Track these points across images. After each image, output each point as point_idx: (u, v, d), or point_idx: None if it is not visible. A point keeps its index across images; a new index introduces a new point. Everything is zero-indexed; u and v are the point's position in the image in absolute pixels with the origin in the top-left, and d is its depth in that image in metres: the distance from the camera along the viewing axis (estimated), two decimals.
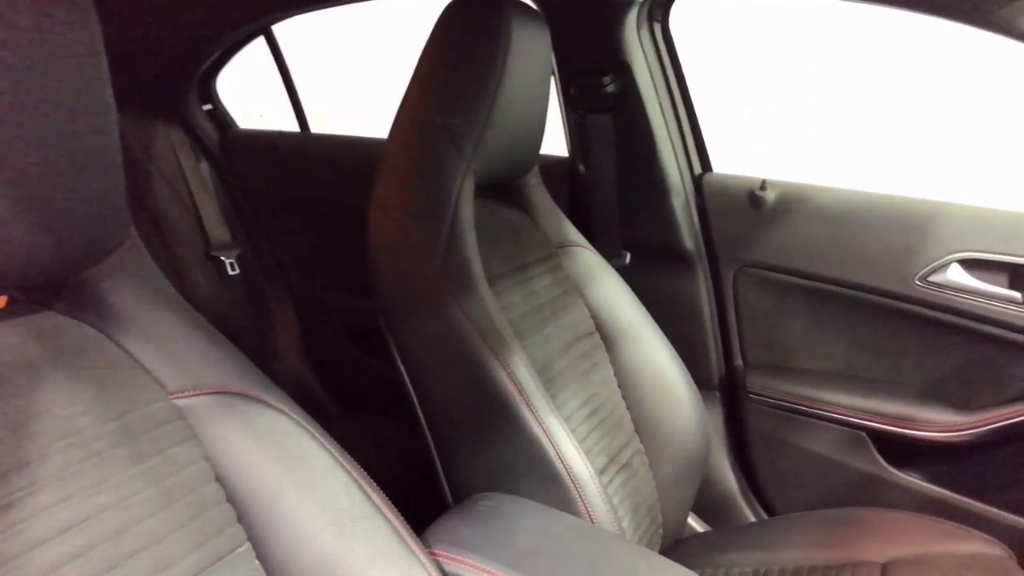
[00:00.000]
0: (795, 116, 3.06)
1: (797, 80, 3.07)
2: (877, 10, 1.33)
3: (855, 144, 2.97)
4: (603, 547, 0.93)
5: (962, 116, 2.87)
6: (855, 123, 3.02)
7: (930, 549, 1.24)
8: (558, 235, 1.36)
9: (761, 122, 3.00)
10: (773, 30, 2.91)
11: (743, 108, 2.82)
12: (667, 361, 1.35)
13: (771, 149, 2.65)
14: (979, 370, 1.48)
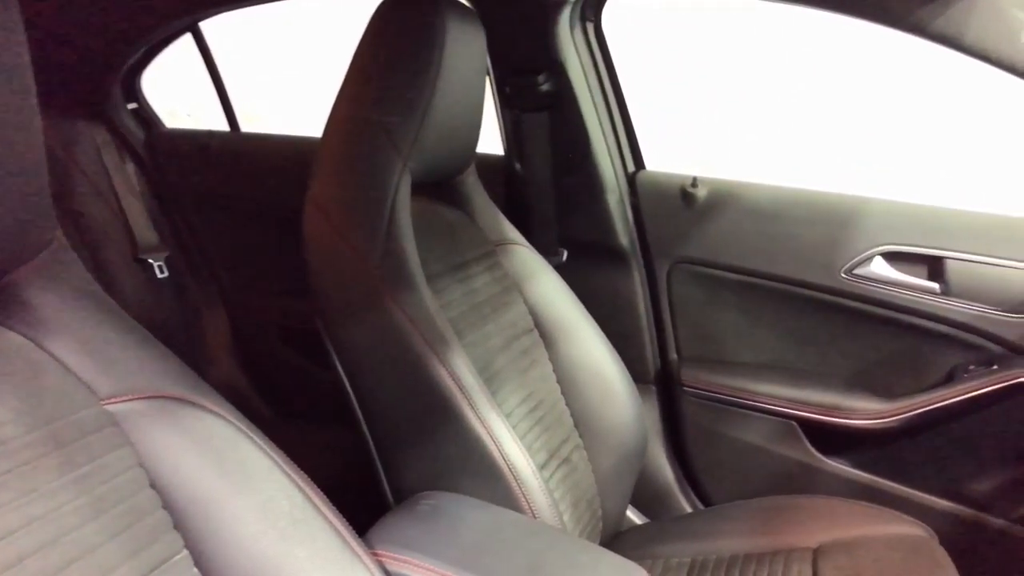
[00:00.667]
0: (724, 114, 3.14)
1: (728, 80, 3.15)
2: (800, 11, 1.37)
3: (785, 140, 3.06)
4: (545, 542, 0.94)
5: (887, 114, 2.99)
6: (785, 121, 3.11)
7: (859, 532, 1.28)
8: (496, 233, 1.36)
9: (692, 120, 3.06)
10: (700, 32, 2.97)
11: (675, 107, 2.88)
12: (604, 357, 1.36)
13: (702, 147, 2.71)
14: (901, 359, 1.54)
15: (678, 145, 2.23)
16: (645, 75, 1.97)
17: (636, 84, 1.72)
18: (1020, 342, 1.43)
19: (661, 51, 2.89)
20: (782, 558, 1.26)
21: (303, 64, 3.89)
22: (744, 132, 3.07)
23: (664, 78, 2.73)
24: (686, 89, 3.05)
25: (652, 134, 1.78)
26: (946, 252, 1.46)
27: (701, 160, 1.81)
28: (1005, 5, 1.23)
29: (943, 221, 1.49)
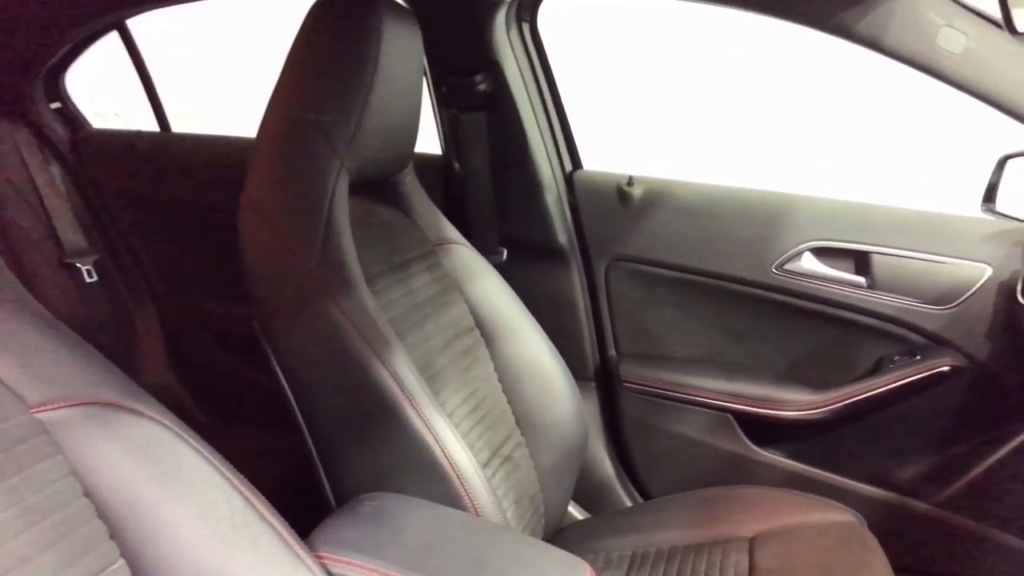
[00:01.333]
0: (660, 114, 3.19)
1: (658, 80, 3.20)
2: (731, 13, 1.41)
3: (715, 140, 3.12)
4: (490, 539, 0.95)
5: (811, 113, 3.08)
6: (715, 120, 3.18)
7: (792, 521, 1.32)
8: (435, 233, 1.36)
9: (627, 120, 3.10)
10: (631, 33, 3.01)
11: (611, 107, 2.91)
12: (545, 354, 1.38)
13: (638, 146, 2.75)
14: (831, 351, 1.59)
15: (616, 144, 2.27)
16: (580, 74, 1.99)
17: (571, 84, 1.74)
18: (942, 333, 1.49)
19: (597, 51, 2.92)
20: (720, 548, 1.29)
21: (235, 63, 3.82)
22: (681, 131, 3.14)
23: (598, 78, 2.77)
24: (620, 88, 3.09)
25: (590, 134, 1.80)
26: (872, 247, 1.51)
27: (638, 159, 1.84)
28: (921, 8, 1.28)
29: (868, 217, 1.55)
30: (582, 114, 1.78)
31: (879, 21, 1.29)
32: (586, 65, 2.51)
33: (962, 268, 1.47)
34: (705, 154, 2.88)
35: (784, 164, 2.90)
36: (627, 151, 2.22)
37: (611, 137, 2.34)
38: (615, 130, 2.74)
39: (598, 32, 2.84)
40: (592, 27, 2.79)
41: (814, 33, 1.36)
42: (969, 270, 1.46)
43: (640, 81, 3.17)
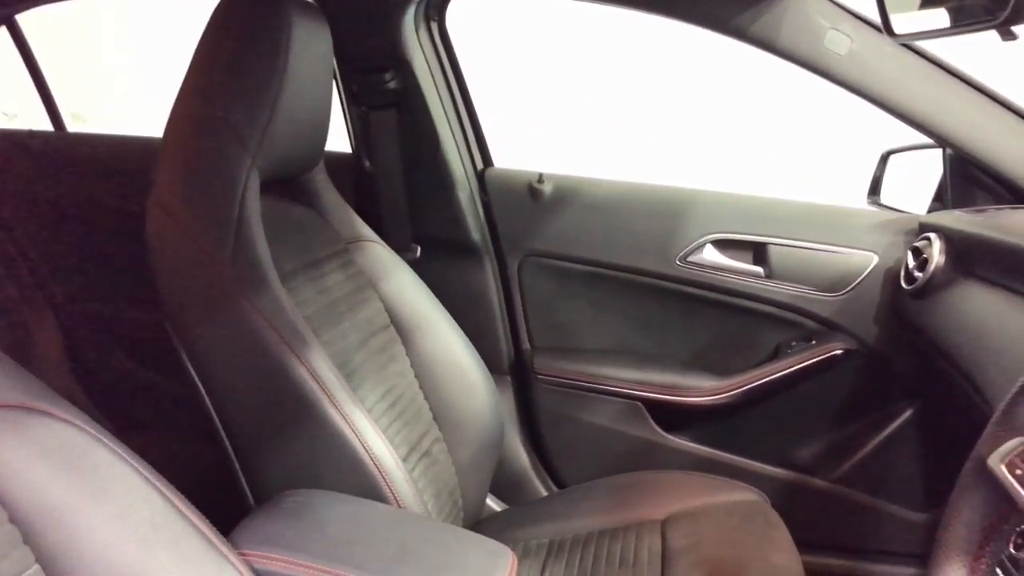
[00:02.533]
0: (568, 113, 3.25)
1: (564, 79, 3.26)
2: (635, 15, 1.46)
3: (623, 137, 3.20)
4: (414, 529, 0.96)
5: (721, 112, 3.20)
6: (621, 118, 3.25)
7: (700, 502, 1.38)
8: (348, 231, 1.36)
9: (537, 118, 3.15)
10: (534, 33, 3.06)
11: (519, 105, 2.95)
12: (460, 350, 1.39)
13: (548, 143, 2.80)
14: (733, 338, 1.67)
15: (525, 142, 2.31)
16: (488, 73, 2.02)
17: (481, 82, 1.76)
18: (834, 318, 1.58)
19: (503, 49, 2.95)
20: (634, 531, 1.33)
21: (133, 61, 3.68)
22: (585, 129, 3.20)
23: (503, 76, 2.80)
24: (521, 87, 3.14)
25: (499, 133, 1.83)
26: (768, 238, 1.59)
27: (547, 157, 1.88)
28: (811, 12, 1.36)
29: (765, 210, 1.62)
30: (492, 113, 1.80)
31: (772, 24, 1.37)
32: (494, 64, 2.53)
33: (851, 257, 1.56)
34: (609, 151, 2.95)
35: (685, 160, 3.00)
36: (535, 149, 2.26)
37: (520, 135, 2.37)
38: (523, 128, 2.78)
39: (504, 30, 2.87)
40: (499, 26, 2.82)
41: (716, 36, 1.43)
42: (857, 259, 1.56)
43: (545, 80, 3.22)
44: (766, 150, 3.11)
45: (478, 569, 0.90)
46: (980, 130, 1.39)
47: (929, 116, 1.39)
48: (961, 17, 0.97)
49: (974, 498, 0.63)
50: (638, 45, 2.84)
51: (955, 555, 0.63)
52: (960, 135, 1.40)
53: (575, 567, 1.28)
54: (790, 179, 2.24)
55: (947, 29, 1.01)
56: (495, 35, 2.91)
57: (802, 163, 2.93)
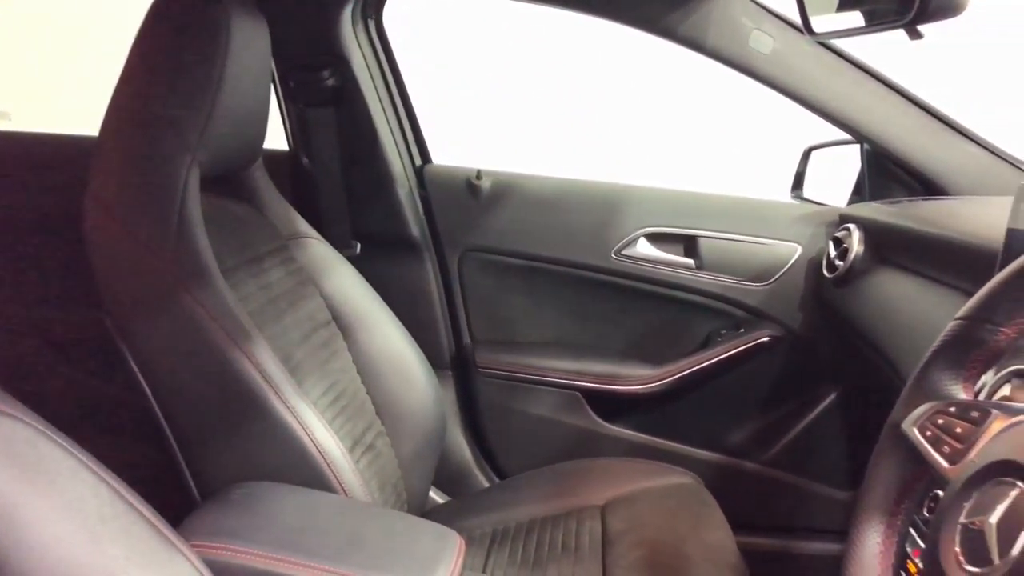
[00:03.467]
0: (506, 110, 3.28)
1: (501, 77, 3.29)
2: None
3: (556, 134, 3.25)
4: (363, 517, 0.98)
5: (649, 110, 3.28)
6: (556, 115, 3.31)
7: (639, 487, 1.43)
8: (288, 227, 1.36)
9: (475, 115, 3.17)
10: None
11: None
12: (402, 345, 1.40)
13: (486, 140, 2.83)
14: (666, 328, 1.73)
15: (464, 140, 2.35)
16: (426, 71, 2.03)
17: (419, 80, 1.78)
18: (761, 307, 1.65)
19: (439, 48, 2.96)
20: (575, 517, 1.37)
21: (64, 58, 3.56)
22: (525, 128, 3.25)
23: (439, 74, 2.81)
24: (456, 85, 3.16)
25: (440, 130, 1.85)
26: (698, 231, 1.65)
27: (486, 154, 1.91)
28: (736, 14, 1.42)
29: (695, 204, 1.69)
30: (431, 111, 1.82)
31: (699, 25, 1.42)
32: (430, 61, 2.55)
33: (776, 248, 1.63)
34: (545, 148, 3.00)
35: (619, 157, 3.07)
36: (472, 146, 2.28)
37: (457, 133, 2.40)
38: (462, 126, 2.80)
39: (437, 28, 2.88)
40: (433, 24, 2.83)
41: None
42: (782, 249, 1.63)
43: (476, 78, 3.25)
44: (698, 147, 3.21)
45: (427, 553, 0.92)
46: (894, 126, 1.47)
47: (848, 113, 1.47)
48: (873, 17, 1.04)
49: (890, 461, 0.68)
50: (584, 45, 2.89)
51: (874, 514, 0.68)
52: (876, 131, 1.48)
53: (518, 554, 1.31)
54: (720, 174, 2.32)
55: (861, 28, 1.07)
56: (438, 32, 2.93)
57: (730, 159, 3.03)
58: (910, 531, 0.67)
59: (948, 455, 0.61)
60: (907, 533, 0.67)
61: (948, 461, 0.60)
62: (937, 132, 1.46)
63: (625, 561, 1.24)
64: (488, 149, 2.08)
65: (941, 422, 0.63)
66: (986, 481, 0.54)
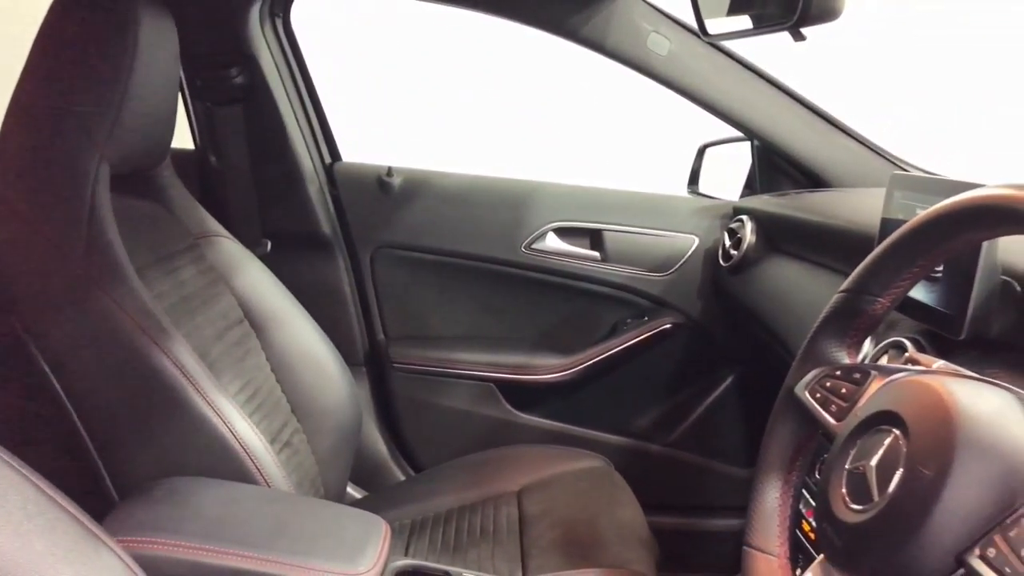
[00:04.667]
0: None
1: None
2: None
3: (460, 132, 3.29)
4: (288, 506, 0.99)
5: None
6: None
7: (553, 472, 1.48)
8: (197, 226, 1.35)
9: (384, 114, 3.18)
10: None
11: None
12: (316, 342, 1.41)
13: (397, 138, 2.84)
14: (575, 318, 1.79)
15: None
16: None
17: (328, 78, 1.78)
18: (663, 296, 1.74)
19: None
20: (492, 504, 1.41)
21: None
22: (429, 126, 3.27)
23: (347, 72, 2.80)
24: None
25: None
26: (603, 225, 1.72)
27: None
28: (634, 16, 1.50)
29: (600, 199, 1.76)
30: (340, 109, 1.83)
31: (600, 26, 1.49)
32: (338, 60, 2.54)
33: (676, 240, 1.72)
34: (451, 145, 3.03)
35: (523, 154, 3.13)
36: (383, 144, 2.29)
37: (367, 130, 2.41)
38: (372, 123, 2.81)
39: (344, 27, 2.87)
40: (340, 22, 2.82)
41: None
42: (681, 241, 1.72)
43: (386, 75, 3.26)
44: (600, 145, 3.32)
45: (354, 538, 0.95)
46: (782, 124, 1.58)
47: (739, 112, 1.57)
48: (761, 21, 1.12)
49: (785, 422, 0.75)
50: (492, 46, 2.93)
51: (772, 471, 0.74)
52: (765, 129, 1.58)
53: (438, 542, 1.34)
54: (621, 171, 2.40)
55: (750, 30, 1.16)
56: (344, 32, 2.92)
57: (630, 157, 3.14)
58: (803, 492, 0.74)
59: (835, 413, 0.68)
60: (802, 489, 0.74)
61: (835, 418, 0.67)
62: (820, 129, 1.57)
63: (543, 541, 1.29)
64: (398, 147, 2.09)
65: (828, 384, 0.70)
66: (867, 431, 0.61)
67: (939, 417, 0.54)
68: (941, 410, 0.55)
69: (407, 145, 2.39)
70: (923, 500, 0.51)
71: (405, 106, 3.27)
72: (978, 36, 3.28)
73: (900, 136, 1.68)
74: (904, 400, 0.59)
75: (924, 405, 0.56)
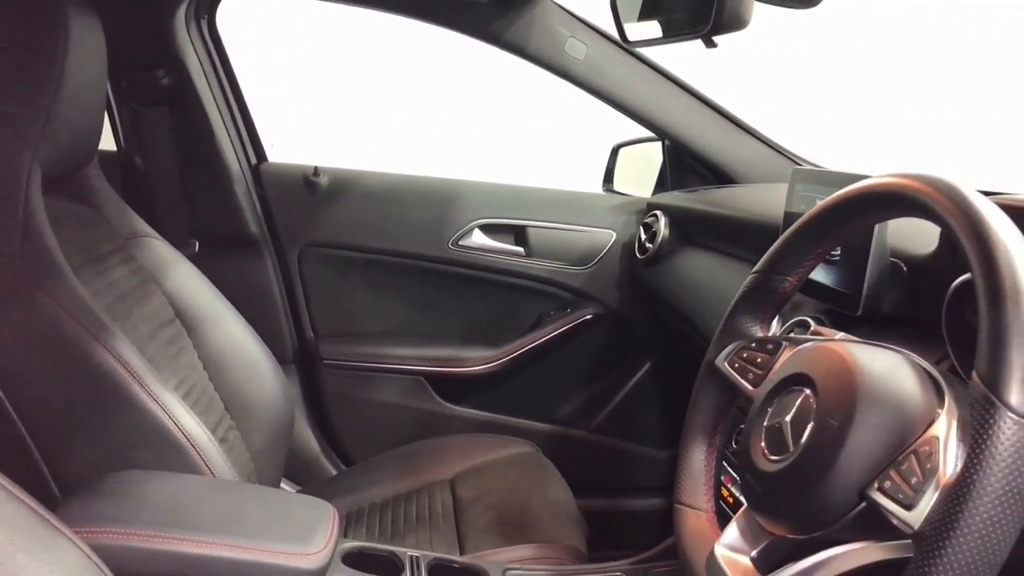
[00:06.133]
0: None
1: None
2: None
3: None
4: (237, 493, 1.01)
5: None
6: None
7: (484, 459, 1.54)
8: (126, 226, 1.35)
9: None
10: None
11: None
12: (247, 340, 1.42)
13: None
14: (501, 311, 1.86)
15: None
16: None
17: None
18: (584, 288, 1.82)
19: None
20: (426, 492, 1.46)
21: None
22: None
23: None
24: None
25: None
26: (527, 222, 1.79)
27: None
28: (553, 22, 1.57)
29: (523, 197, 1.83)
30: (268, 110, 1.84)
31: (521, 31, 1.56)
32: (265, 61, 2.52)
33: (595, 235, 1.81)
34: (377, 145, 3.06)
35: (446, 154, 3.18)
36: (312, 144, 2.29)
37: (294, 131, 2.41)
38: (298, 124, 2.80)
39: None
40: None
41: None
42: (600, 236, 1.81)
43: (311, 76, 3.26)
44: (521, 145, 3.40)
45: (304, 521, 0.98)
46: (690, 125, 1.68)
47: (651, 114, 1.67)
48: (677, 29, 1.21)
49: (707, 391, 0.83)
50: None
51: (697, 435, 0.82)
52: (676, 129, 1.68)
53: (375, 530, 1.38)
54: (542, 170, 2.48)
55: (667, 38, 1.25)
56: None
57: (550, 156, 3.23)
58: (723, 463, 0.82)
59: (752, 380, 0.76)
60: (724, 454, 0.82)
61: (752, 385, 0.76)
62: (725, 130, 1.69)
63: (479, 523, 1.35)
64: (325, 147, 2.11)
65: (745, 356, 0.79)
66: (781, 392, 0.69)
67: (842, 376, 0.63)
68: (844, 370, 0.63)
69: (328, 146, 2.41)
70: (831, 447, 0.60)
71: (323, 107, 3.28)
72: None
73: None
74: (812, 364, 0.67)
75: (829, 367, 0.65)
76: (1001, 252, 0.54)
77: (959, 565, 0.48)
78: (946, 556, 0.49)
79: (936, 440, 0.56)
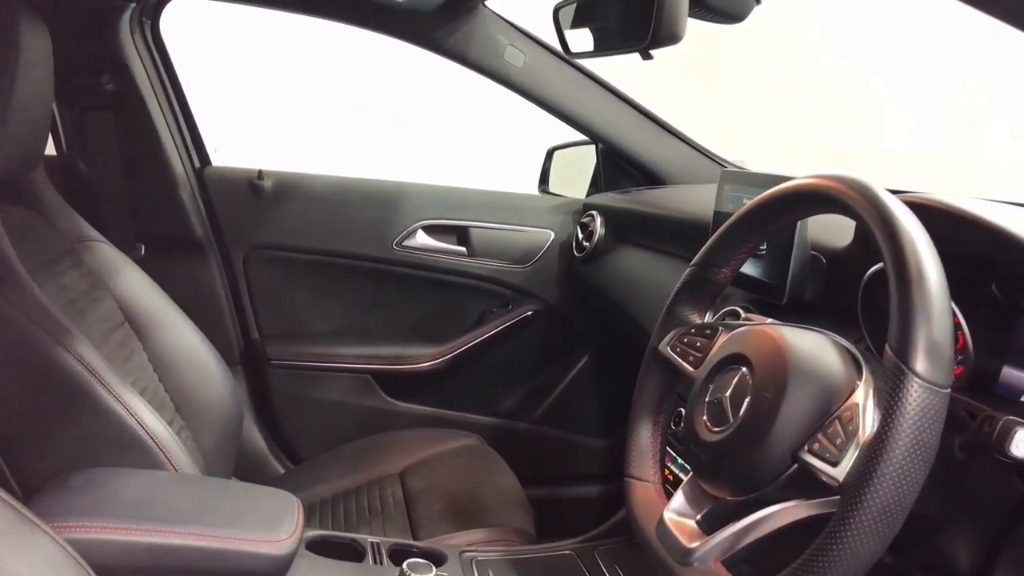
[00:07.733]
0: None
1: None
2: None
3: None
4: (204, 487, 1.05)
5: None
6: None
7: (432, 452, 1.59)
8: (73, 231, 1.35)
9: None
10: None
11: None
12: (195, 342, 1.44)
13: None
14: (445, 310, 1.91)
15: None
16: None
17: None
18: (524, 285, 1.90)
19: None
20: (376, 486, 1.50)
21: None
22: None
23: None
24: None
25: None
26: (469, 222, 1.86)
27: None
28: (492, 31, 1.64)
29: (465, 198, 1.89)
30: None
31: (462, 40, 1.62)
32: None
33: (534, 235, 1.88)
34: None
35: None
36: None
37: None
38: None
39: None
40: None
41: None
42: (539, 236, 1.88)
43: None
44: (457, 148, 3.46)
45: (271, 511, 1.02)
46: (623, 129, 1.78)
47: (586, 118, 1.75)
48: (617, 41, 1.29)
49: (652, 374, 0.91)
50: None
51: (644, 414, 0.90)
52: (609, 133, 1.77)
53: (328, 525, 1.41)
54: (479, 172, 2.53)
55: (608, 50, 1.32)
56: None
57: (487, 159, 3.30)
58: (670, 439, 0.90)
59: (692, 362, 0.84)
60: (668, 431, 0.90)
61: (693, 367, 0.84)
62: (655, 134, 1.79)
63: (431, 512, 1.40)
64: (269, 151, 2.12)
65: (686, 340, 0.87)
66: (720, 371, 0.77)
67: (775, 355, 0.71)
68: (776, 349, 0.72)
69: (270, 149, 2.41)
70: (766, 416, 0.68)
71: (268, 110, 3.27)
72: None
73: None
74: (748, 345, 0.76)
75: (763, 347, 0.73)
76: (907, 242, 0.63)
77: (877, 508, 0.57)
78: (866, 501, 0.57)
79: (856, 406, 0.64)
